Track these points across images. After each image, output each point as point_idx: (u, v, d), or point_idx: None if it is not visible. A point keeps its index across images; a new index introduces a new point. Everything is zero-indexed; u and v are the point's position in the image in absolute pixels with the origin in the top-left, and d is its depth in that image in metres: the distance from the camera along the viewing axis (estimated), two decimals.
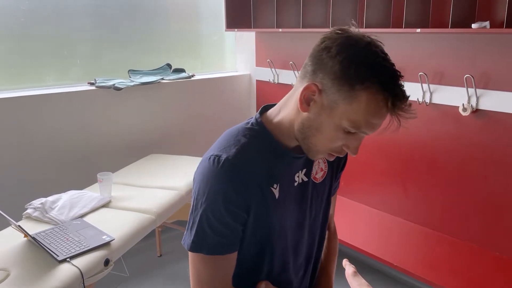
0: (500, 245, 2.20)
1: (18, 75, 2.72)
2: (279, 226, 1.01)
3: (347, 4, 2.53)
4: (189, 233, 0.97)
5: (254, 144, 0.97)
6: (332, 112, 0.89)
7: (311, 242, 1.14)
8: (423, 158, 2.46)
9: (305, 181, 1.06)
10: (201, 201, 0.94)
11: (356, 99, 0.85)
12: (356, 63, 0.85)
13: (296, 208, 1.06)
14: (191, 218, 0.97)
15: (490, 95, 2.11)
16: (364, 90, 0.85)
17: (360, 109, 0.86)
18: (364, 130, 0.89)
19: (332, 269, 1.26)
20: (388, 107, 0.85)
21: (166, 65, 3.23)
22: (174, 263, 2.82)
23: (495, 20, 2.01)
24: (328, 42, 0.88)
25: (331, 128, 0.90)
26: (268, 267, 1.05)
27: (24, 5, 2.64)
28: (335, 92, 0.87)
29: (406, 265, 2.18)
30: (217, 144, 0.98)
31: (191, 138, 3.28)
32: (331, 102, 0.88)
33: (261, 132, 0.99)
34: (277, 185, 0.99)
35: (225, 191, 0.91)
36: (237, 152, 0.93)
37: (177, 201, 2.31)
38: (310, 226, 1.11)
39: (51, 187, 2.35)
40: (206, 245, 0.94)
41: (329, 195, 1.16)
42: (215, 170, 0.92)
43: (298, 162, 1.03)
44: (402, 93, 0.86)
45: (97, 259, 1.71)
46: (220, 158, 0.92)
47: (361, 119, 0.87)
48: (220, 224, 0.93)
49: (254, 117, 1.03)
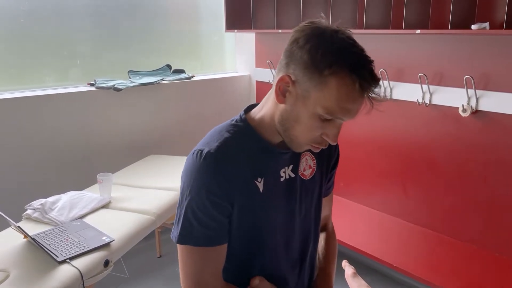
0: (500, 246, 2.20)
1: (18, 76, 2.72)
2: (266, 221, 1.03)
3: (346, 5, 2.54)
4: (176, 226, 0.99)
5: (237, 139, 0.99)
6: (306, 101, 0.90)
7: (304, 239, 1.14)
8: (422, 159, 2.46)
9: (292, 177, 1.07)
10: (185, 194, 0.97)
11: (326, 85, 0.87)
12: (323, 50, 0.87)
13: (284, 203, 1.07)
14: (178, 211, 1.00)
15: (489, 96, 2.11)
16: (333, 75, 0.86)
17: (331, 95, 0.87)
18: (339, 116, 0.90)
19: (332, 270, 1.26)
20: (357, 89, 0.86)
21: (166, 66, 3.23)
22: (174, 264, 2.82)
23: (494, 21, 2.01)
24: (297, 34, 0.91)
25: (307, 117, 0.92)
26: (260, 263, 1.06)
27: (24, 5, 2.64)
28: (306, 81, 0.89)
29: (406, 266, 2.18)
30: (201, 141, 1.01)
31: (191, 139, 3.25)
32: (304, 91, 0.90)
33: (245, 128, 1.02)
34: (261, 179, 1.00)
35: (208, 183, 0.94)
36: (219, 146, 0.96)
37: (177, 202, 2.29)
38: (301, 224, 1.12)
39: (51, 188, 2.35)
40: (192, 237, 0.96)
41: (320, 193, 1.16)
42: (197, 164, 0.95)
43: (283, 157, 1.05)
44: (371, 76, 0.87)
45: (97, 260, 1.71)
46: (203, 152, 0.95)
47: (333, 105, 0.88)
48: (205, 216, 0.95)
49: (239, 115, 1.05)
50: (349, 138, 2.60)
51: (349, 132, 2.59)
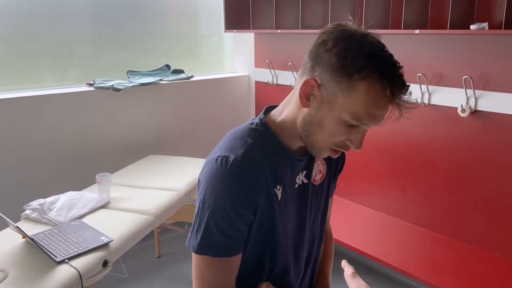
0: (499, 246, 2.20)
1: (17, 76, 2.72)
2: (281, 227, 1.01)
3: (346, 5, 2.54)
4: (195, 235, 0.95)
5: (259, 145, 0.96)
6: (332, 105, 0.88)
7: (310, 245, 1.14)
8: (421, 159, 2.46)
9: (305, 183, 1.06)
10: (208, 203, 0.92)
11: (354, 90, 0.85)
12: (353, 53, 0.85)
13: (297, 210, 1.05)
14: (197, 219, 0.95)
15: (488, 96, 2.11)
16: (362, 80, 0.84)
17: (359, 100, 0.85)
18: (365, 122, 0.88)
19: (329, 271, 1.27)
20: (387, 95, 0.85)
21: (165, 66, 3.23)
22: (173, 264, 2.82)
23: (493, 21, 2.01)
24: (324, 36, 0.89)
25: (332, 122, 0.89)
26: (269, 270, 1.04)
27: (23, 6, 2.64)
28: (333, 85, 0.87)
29: (405, 266, 2.18)
30: (222, 145, 0.97)
31: (190, 139, 3.28)
32: (331, 95, 0.88)
33: (266, 132, 0.99)
34: (280, 187, 0.98)
35: (233, 192, 0.91)
36: (244, 153, 0.92)
37: (176, 202, 2.31)
38: (310, 228, 1.11)
39: (49, 188, 2.35)
40: (212, 247, 0.93)
41: (327, 197, 1.16)
42: (223, 171, 0.90)
43: (299, 164, 1.03)
44: (401, 81, 0.86)
45: (95, 260, 1.70)
46: (228, 159, 0.91)
47: (361, 110, 0.86)
48: (228, 225, 0.92)
49: (258, 117, 1.02)
50: None
51: None
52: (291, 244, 1.06)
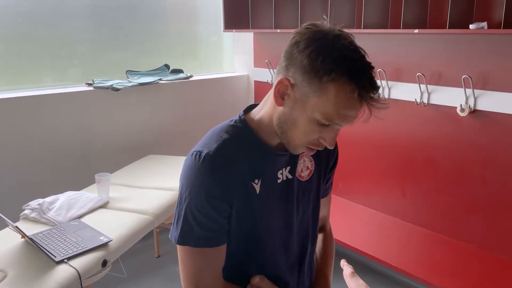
0: (499, 246, 2.20)
1: (16, 76, 2.71)
2: (264, 222, 1.03)
3: (345, 5, 2.54)
4: (175, 227, 0.99)
5: (235, 140, 0.99)
6: (305, 105, 0.90)
7: (302, 241, 1.14)
8: (421, 158, 2.47)
9: (290, 179, 1.07)
10: (184, 196, 0.97)
11: (325, 91, 0.86)
12: (323, 56, 0.86)
13: (282, 205, 1.06)
14: (176, 212, 0.99)
15: (487, 96, 2.11)
16: (332, 82, 0.85)
17: (330, 101, 0.87)
18: (336, 122, 0.90)
19: (330, 271, 1.26)
20: (356, 98, 0.86)
21: (164, 66, 3.22)
22: (172, 264, 2.82)
23: (492, 21, 2.01)
24: (298, 37, 0.90)
25: (305, 121, 0.91)
26: (259, 263, 1.06)
27: (22, 6, 2.63)
28: (305, 86, 0.88)
29: (404, 266, 2.18)
30: (200, 142, 1.01)
31: (189, 139, 3.26)
32: (303, 96, 0.89)
33: (244, 129, 1.01)
34: (258, 181, 1.00)
35: (206, 184, 0.94)
36: (218, 147, 0.96)
37: (175, 202, 2.27)
38: (299, 225, 1.12)
39: (48, 188, 2.35)
40: (192, 238, 0.96)
41: (318, 194, 1.16)
42: (196, 165, 0.95)
43: (281, 159, 1.04)
44: (370, 84, 0.87)
45: (94, 260, 1.70)
46: (202, 154, 0.95)
47: (332, 111, 0.88)
48: (204, 217, 0.95)
49: (238, 115, 1.05)
50: (348, 138, 2.60)
51: (347, 132, 2.58)
52: (279, 240, 1.07)
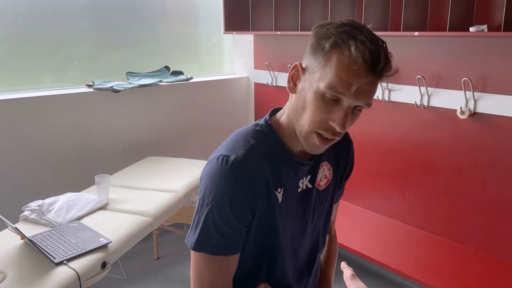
0: (498, 248, 2.20)
1: (16, 77, 2.71)
2: (281, 231, 1.01)
3: (345, 7, 2.54)
4: (193, 232, 0.95)
5: (262, 146, 0.96)
6: (312, 81, 0.90)
7: (313, 248, 1.13)
8: (421, 161, 2.46)
9: (309, 188, 1.05)
10: (207, 201, 0.92)
11: (328, 61, 0.87)
12: (326, 30, 0.89)
13: (300, 214, 1.05)
14: (196, 217, 0.95)
15: (487, 98, 2.11)
16: (334, 48, 0.86)
17: (332, 67, 0.86)
18: (340, 90, 0.86)
19: (331, 273, 1.26)
20: (359, 63, 0.84)
21: (164, 68, 3.23)
22: (172, 265, 2.81)
23: (492, 24, 2.02)
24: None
25: (312, 98, 0.89)
26: (268, 271, 1.04)
27: (22, 7, 2.63)
28: (313, 62, 0.90)
29: (404, 268, 2.18)
30: (225, 145, 0.97)
31: (189, 141, 3.28)
32: (311, 73, 0.90)
33: (269, 134, 0.99)
34: (281, 190, 0.98)
35: (232, 191, 0.91)
36: (245, 153, 0.92)
37: (175, 204, 2.30)
38: (311, 233, 1.11)
39: (48, 189, 2.35)
40: (209, 245, 0.94)
41: (331, 203, 1.15)
42: (223, 170, 0.91)
43: (303, 168, 1.02)
44: (375, 49, 0.85)
45: (94, 262, 1.70)
46: (229, 159, 0.91)
47: (334, 77, 0.85)
48: (225, 224, 0.92)
49: (264, 119, 1.02)
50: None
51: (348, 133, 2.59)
52: (291, 247, 1.06)
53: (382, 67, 0.85)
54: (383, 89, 2.52)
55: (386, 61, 0.86)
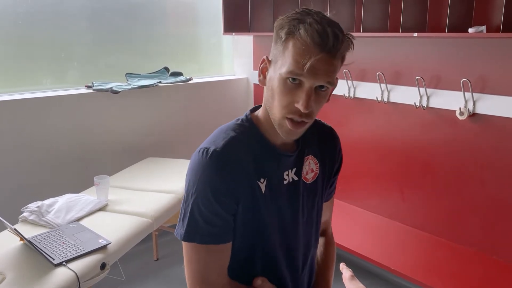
0: (497, 249, 2.20)
1: (15, 78, 2.71)
2: (269, 222, 1.03)
3: (344, 9, 2.54)
4: (182, 224, 0.99)
5: (242, 139, 1.00)
6: (275, 70, 0.95)
7: (306, 244, 1.14)
8: (420, 161, 2.47)
9: (296, 180, 1.07)
10: (191, 192, 0.97)
11: (286, 48, 0.92)
12: (282, 19, 0.95)
13: (288, 206, 1.07)
14: (183, 209, 0.99)
15: (486, 99, 2.11)
16: (290, 35, 0.91)
17: (289, 53, 0.91)
18: (297, 72, 0.90)
19: (330, 276, 1.26)
20: (311, 44, 0.88)
21: (164, 69, 3.23)
22: (171, 267, 2.81)
23: (491, 25, 2.02)
24: None
25: (277, 84, 0.94)
26: (261, 263, 1.06)
27: (21, 8, 2.64)
28: (275, 52, 0.95)
29: (403, 269, 2.18)
30: (207, 139, 1.02)
31: (189, 142, 3.28)
32: (275, 63, 0.95)
33: (250, 128, 1.03)
34: (264, 180, 1.01)
35: (213, 181, 0.94)
36: (225, 144, 0.97)
37: (174, 205, 2.30)
38: (304, 228, 1.12)
39: (47, 190, 2.35)
40: (198, 234, 0.96)
41: (321, 199, 1.16)
42: (203, 161, 0.95)
43: (287, 160, 1.05)
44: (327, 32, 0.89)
45: (93, 263, 1.70)
46: (209, 150, 0.95)
47: (291, 61, 0.90)
48: (211, 213, 0.95)
49: (244, 114, 1.07)
50: (347, 141, 2.60)
51: (346, 134, 2.60)
52: (283, 240, 1.07)
53: (331, 44, 0.89)
54: (383, 90, 2.53)
55: (335, 38, 0.90)
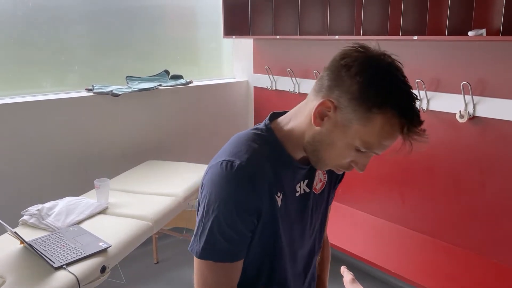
0: (498, 253, 2.20)
1: (16, 81, 2.72)
2: (282, 235, 1.01)
3: (344, 12, 2.55)
4: (198, 240, 0.94)
5: (263, 151, 0.96)
6: (346, 130, 0.89)
7: (310, 252, 1.14)
8: (420, 164, 2.47)
9: (307, 192, 1.06)
10: (213, 207, 0.91)
11: (371, 122, 0.86)
12: (375, 86, 0.85)
13: (299, 218, 1.05)
14: (201, 224, 0.94)
15: (487, 102, 2.11)
16: (381, 114, 0.85)
17: (374, 131, 0.87)
18: (375, 151, 0.91)
19: (326, 276, 1.27)
20: (403, 132, 0.87)
21: (164, 72, 3.23)
22: (171, 270, 2.81)
23: (491, 28, 2.02)
24: (349, 60, 0.88)
25: (343, 145, 0.91)
26: (268, 275, 1.05)
27: (21, 11, 2.64)
28: (350, 112, 0.87)
29: (404, 272, 2.17)
30: (227, 150, 0.96)
31: (189, 145, 3.28)
32: (346, 121, 0.88)
33: (270, 139, 0.98)
34: (280, 194, 0.98)
35: (239, 197, 0.90)
36: (249, 158, 0.92)
37: (175, 208, 2.30)
38: (309, 237, 1.11)
39: (47, 194, 2.34)
40: (216, 252, 0.93)
41: (327, 206, 1.16)
42: (228, 176, 0.90)
43: (300, 172, 1.03)
44: (418, 119, 0.87)
45: (93, 266, 1.70)
46: (234, 163, 0.90)
47: (374, 141, 0.88)
48: (232, 230, 0.92)
49: (263, 123, 1.02)
50: None
51: None
52: (290, 252, 1.06)
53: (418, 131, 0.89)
54: None
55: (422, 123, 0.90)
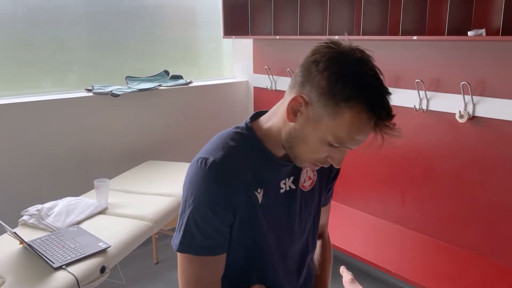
0: (498, 253, 2.20)
1: (15, 81, 2.72)
2: (266, 232, 1.02)
3: (344, 12, 2.55)
4: (178, 234, 0.98)
5: (241, 148, 0.98)
6: (317, 126, 0.90)
7: (302, 250, 1.14)
8: (420, 164, 2.47)
9: (293, 189, 1.06)
10: (188, 203, 0.96)
11: (340, 116, 0.86)
12: (343, 81, 0.85)
13: (284, 215, 1.06)
14: (180, 219, 0.99)
15: (486, 102, 2.12)
16: (349, 108, 0.85)
17: (344, 126, 0.87)
18: (347, 145, 0.91)
19: (328, 277, 1.27)
20: (372, 125, 0.87)
21: (164, 72, 3.23)
22: (171, 270, 2.81)
23: (491, 28, 2.02)
24: (318, 56, 0.88)
25: (315, 140, 0.92)
26: (258, 272, 1.05)
27: (22, 11, 2.64)
28: (320, 107, 0.88)
29: (403, 272, 2.17)
30: (205, 148, 1.00)
31: (189, 145, 3.28)
32: (317, 116, 0.89)
33: (250, 137, 1.01)
34: (261, 190, 1.00)
35: (211, 192, 0.93)
36: (224, 155, 0.95)
37: (174, 208, 2.30)
38: (300, 235, 1.11)
39: (47, 194, 2.34)
40: (193, 246, 0.96)
41: (319, 204, 1.16)
42: (202, 172, 0.94)
43: (284, 169, 1.04)
44: (387, 113, 0.87)
45: (93, 267, 1.70)
46: (207, 161, 0.94)
47: (344, 135, 0.88)
48: (207, 225, 0.95)
49: (244, 122, 1.04)
50: None
51: None
52: (280, 249, 1.07)
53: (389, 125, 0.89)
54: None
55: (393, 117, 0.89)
